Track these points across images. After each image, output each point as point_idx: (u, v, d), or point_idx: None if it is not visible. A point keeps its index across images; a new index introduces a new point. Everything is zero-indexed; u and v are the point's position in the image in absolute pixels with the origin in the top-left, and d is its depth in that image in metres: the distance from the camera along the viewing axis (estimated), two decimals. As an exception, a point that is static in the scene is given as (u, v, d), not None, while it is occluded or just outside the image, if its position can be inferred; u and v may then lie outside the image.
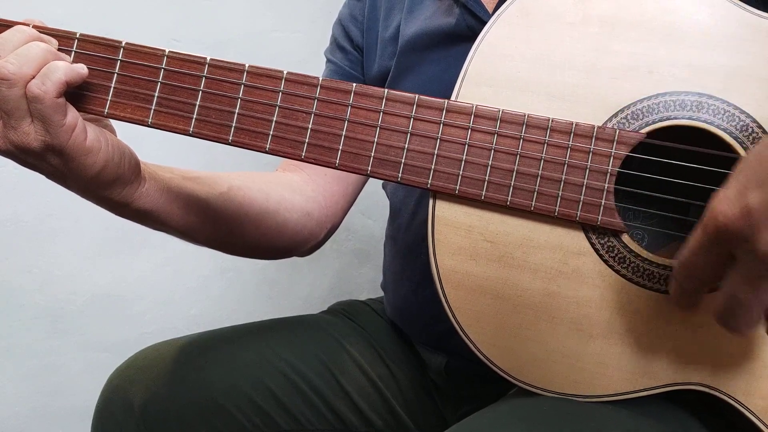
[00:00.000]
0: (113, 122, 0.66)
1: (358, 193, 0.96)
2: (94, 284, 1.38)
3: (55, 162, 0.60)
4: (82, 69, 0.60)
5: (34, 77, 0.58)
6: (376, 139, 0.62)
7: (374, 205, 1.59)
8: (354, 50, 0.94)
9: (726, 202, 0.47)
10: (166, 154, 0.89)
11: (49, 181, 0.64)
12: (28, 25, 0.62)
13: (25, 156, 0.60)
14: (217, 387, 0.82)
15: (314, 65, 0.98)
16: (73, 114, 0.59)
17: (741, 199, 0.46)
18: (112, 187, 0.64)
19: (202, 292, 1.50)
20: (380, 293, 1.01)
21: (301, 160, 0.62)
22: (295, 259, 0.94)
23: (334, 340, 0.90)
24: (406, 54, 0.86)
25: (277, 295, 1.59)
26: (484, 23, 0.64)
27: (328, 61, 0.96)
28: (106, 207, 0.67)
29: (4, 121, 0.58)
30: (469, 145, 0.61)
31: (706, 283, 0.53)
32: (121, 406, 0.82)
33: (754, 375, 0.60)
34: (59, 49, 0.62)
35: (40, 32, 0.62)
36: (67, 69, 0.59)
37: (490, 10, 0.78)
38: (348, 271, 1.67)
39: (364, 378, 0.89)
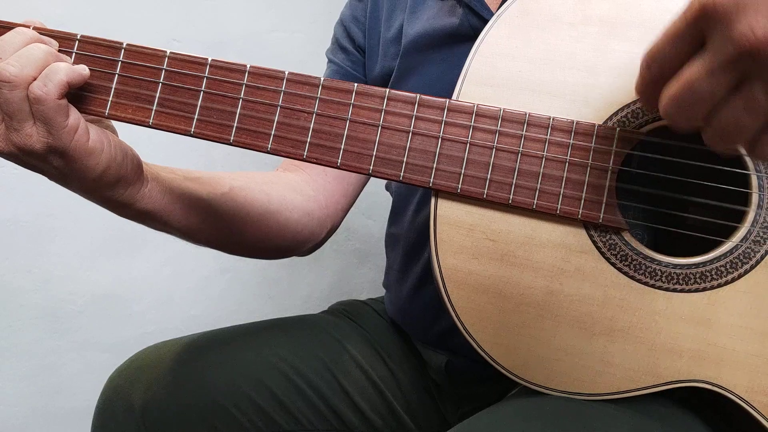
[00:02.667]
0: (114, 123, 0.66)
1: (359, 193, 0.96)
2: (94, 284, 1.38)
3: (57, 163, 0.60)
4: (83, 70, 0.60)
5: (35, 79, 0.58)
6: (377, 139, 0.62)
7: (374, 205, 1.59)
8: (356, 51, 0.94)
9: None
10: (166, 155, 0.89)
11: (50, 181, 0.64)
12: (28, 26, 0.62)
13: (27, 158, 0.60)
14: (218, 387, 0.82)
15: (315, 65, 0.98)
16: (75, 115, 0.59)
17: None
18: (114, 188, 0.64)
19: (202, 292, 1.50)
20: (380, 293, 1.01)
21: (303, 160, 0.62)
22: (295, 259, 0.94)
23: (335, 340, 0.90)
24: (409, 54, 0.86)
25: (277, 295, 1.59)
26: (487, 23, 0.65)
27: (330, 61, 0.96)
28: (108, 207, 0.67)
29: (6, 124, 0.58)
30: (470, 144, 0.61)
31: (671, 70, 0.47)
32: (121, 407, 0.82)
33: (758, 372, 0.60)
34: (60, 51, 0.62)
35: (41, 34, 0.62)
36: (68, 70, 0.59)
37: (494, 10, 0.77)
38: (348, 271, 1.67)
39: (364, 378, 0.89)
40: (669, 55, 0.46)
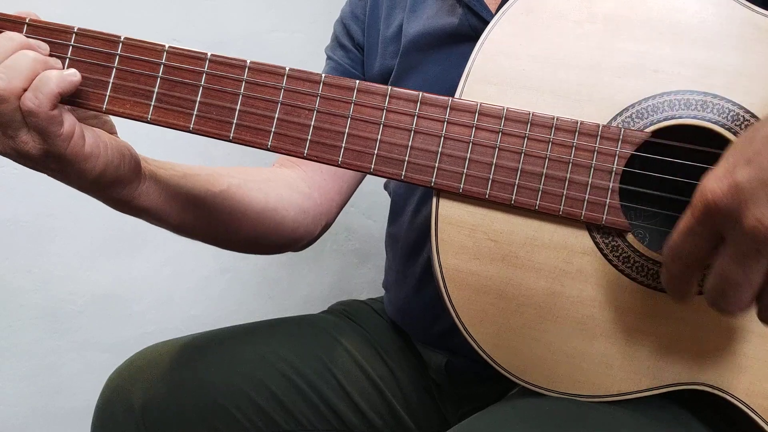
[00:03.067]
0: (113, 118, 0.66)
1: (354, 190, 0.96)
2: (94, 284, 1.38)
3: (55, 167, 0.60)
4: (74, 76, 0.59)
5: (26, 89, 0.57)
6: (379, 137, 0.61)
7: (374, 205, 1.59)
8: (354, 48, 0.94)
9: (714, 180, 0.47)
10: (165, 150, 0.88)
11: (49, 181, 0.64)
12: (24, 19, 0.62)
13: (24, 161, 0.60)
14: (218, 387, 0.82)
15: (314, 65, 0.97)
16: (70, 122, 0.59)
17: (729, 176, 0.46)
18: (112, 188, 0.64)
19: (202, 292, 1.50)
20: (380, 293, 1.00)
21: (304, 158, 0.62)
22: (295, 259, 0.94)
23: (335, 340, 0.90)
24: (408, 54, 0.85)
25: (277, 295, 1.59)
26: (487, 23, 0.64)
27: (329, 58, 0.96)
28: (107, 203, 0.67)
29: (2, 131, 0.58)
30: (473, 144, 0.61)
31: (695, 267, 0.51)
32: (121, 406, 0.82)
33: (758, 375, 0.60)
34: (56, 43, 0.61)
35: (37, 26, 0.61)
36: (59, 79, 0.58)
37: (493, 10, 0.77)
38: (348, 271, 1.66)
39: (364, 378, 0.89)
40: (690, 251, 0.51)
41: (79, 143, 0.59)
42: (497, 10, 0.66)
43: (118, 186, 0.64)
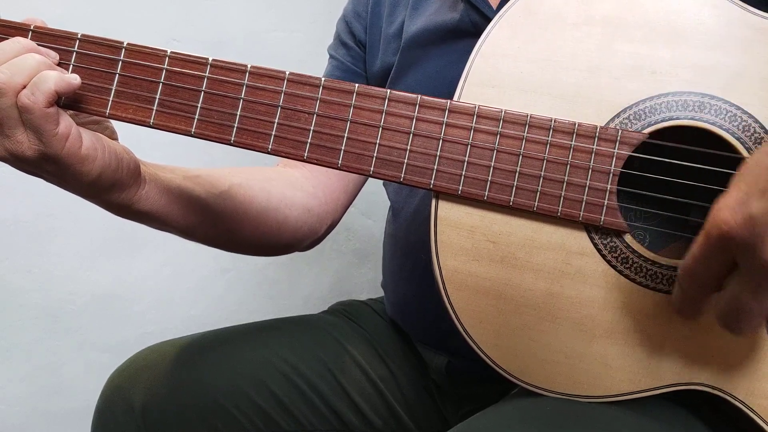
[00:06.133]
0: (115, 123, 0.66)
1: (359, 190, 0.96)
2: (94, 284, 1.38)
3: (51, 169, 0.60)
4: (74, 79, 0.60)
5: (25, 87, 0.58)
6: (378, 140, 0.62)
7: (374, 205, 1.59)
8: (356, 46, 0.94)
9: (728, 211, 0.47)
10: (167, 153, 0.88)
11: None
12: (29, 25, 0.62)
13: (20, 163, 0.60)
14: (218, 387, 0.82)
15: (314, 65, 0.98)
16: (66, 123, 0.59)
17: (743, 208, 0.46)
18: (110, 192, 0.64)
19: (202, 292, 1.50)
20: (380, 293, 1.00)
21: (304, 161, 0.62)
22: (295, 259, 0.94)
23: (335, 340, 0.90)
24: (409, 50, 0.85)
25: (277, 295, 1.59)
26: (489, 19, 0.64)
27: (331, 57, 0.97)
28: (106, 208, 0.67)
29: None
30: (471, 146, 0.61)
31: (709, 290, 0.52)
32: (121, 407, 0.82)
33: (758, 375, 0.60)
34: (61, 49, 0.62)
35: (41, 33, 0.62)
36: (57, 79, 0.58)
37: (495, 6, 0.77)
38: (348, 271, 1.66)
39: (364, 378, 0.89)
40: (703, 274, 0.51)
41: (76, 144, 0.59)
42: (499, 6, 0.66)
43: (117, 190, 0.64)
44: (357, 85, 0.62)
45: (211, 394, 0.81)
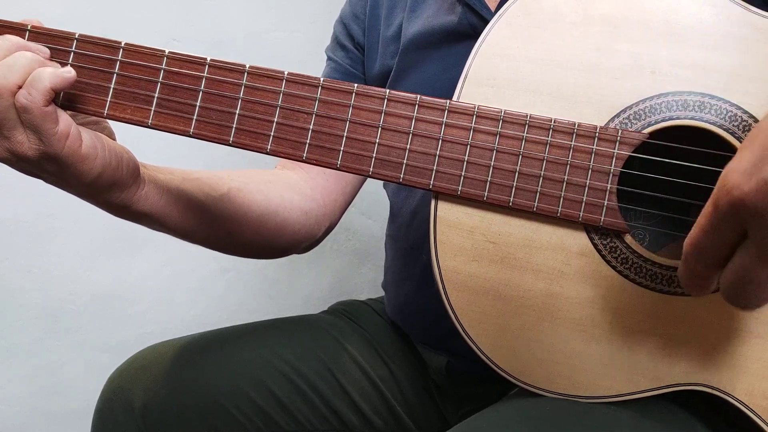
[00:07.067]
0: (113, 124, 0.66)
1: (357, 192, 0.96)
2: (94, 284, 1.38)
3: (51, 169, 0.60)
4: (68, 73, 0.59)
5: (20, 87, 0.57)
6: (377, 140, 0.61)
7: (374, 205, 1.59)
8: (355, 48, 0.94)
9: (739, 176, 0.44)
10: (167, 155, 0.88)
11: (48, 182, 0.64)
12: (26, 25, 0.62)
13: (22, 164, 0.60)
14: (218, 387, 0.82)
15: (314, 65, 0.98)
16: (65, 121, 0.59)
17: (757, 173, 0.43)
18: (110, 192, 0.64)
19: (202, 292, 1.50)
20: (380, 293, 1.00)
21: (303, 162, 0.62)
22: (295, 259, 0.94)
23: (335, 340, 0.90)
24: (408, 53, 0.85)
25: (277, 295, 1.59)
26: (487, 21, 0.64)
27: (329, 59, 0.96)
28: (106, 209, 0.67)
29: None
30: (471, 146, 0.61)
31: (718, 263, 0.49)
32: (121, 407, 0.82)
33: (757, 376, 0.60)
34: (58, 50, 0.61)
35: (38, 33, 0.62)
36: (52, 76, 0.58)
37: (493, 9, 0.77)
38: (348, 271, 1.66)
39: (364, 378, 0.89)
40: (711, 247, 0.48)
41: (76, 143, 0.59)
42: (497, 9, 0.66)
43: (117, 189, 0.64)
44: (356, 85, 0.62)
45: (211, 394, 0.81)
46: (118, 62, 0.62)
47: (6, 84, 0.57)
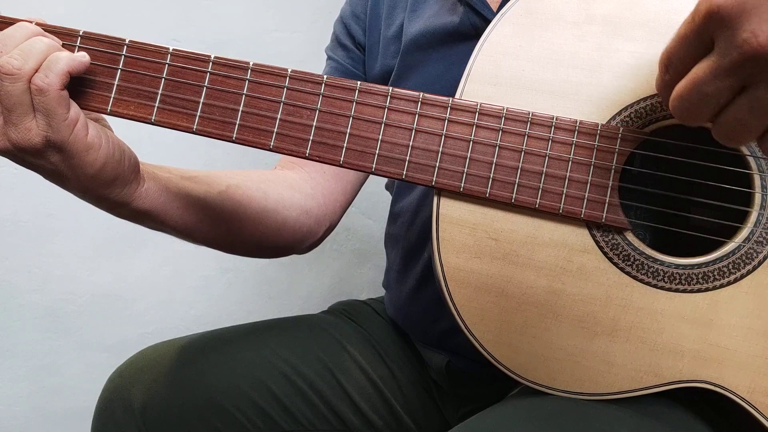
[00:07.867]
0: (113, 121, 0.66)
1: (357, 191, 0.96)
2: (94, 284, 1.38)
3: (55, 159, 0.60)
4: (83, 57, 0.60)
5: (37, 71, 0.58)
6: (380, 137, 0.62)
7: (374, 205, 1.59)
8: (355, 48, 0.94)
9: None
10: (167, 154, 0.88)
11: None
12: (31, 21, 0.62)
13: (24, 155, 0.59)
14: (218, 387, 0.81)
15: (314, 65, 0.98)
16: (75, 109, 0.59)
17: None
18: (111, 187, 0.63)
19: (202, 292, 1.50)
20: (380, 293, 1.00)
21: (306, 158, 0.62)
22: (295, 258, 0.94)
23: (335, 340, 0.90)
24: (409, 53, 0.85)
25: (277, 295, 1.58)
26: (488, 22, 0.64)
27: (329, 58, 0.96)
28: (105, 207, 0.66)
29: (5, 118, 0.58)
30: (473, 143, 0.61)
31: (682, 72, 0.48)
32: (121, 407, 0.82)
33: (759, 372, 0.60)
34: (63, 47, 0.62)
35: (43, 29, 0.62)
36: (68, 59, 0.58)
37: (495, 9, 0.77)
38: (348, 271, 1.66)
39: (364, 378, 0.88)
40: (681, 56, 0.48)
41: (82, 132, 0.59)
42: (498, 9, 0.66)
43: (118, 185, 0.64)
44: (359, 82, 0.62)
45: (212, 395, 0.81)
46: (122, 59, 0.62)
47: (25, 69, 0.57)
